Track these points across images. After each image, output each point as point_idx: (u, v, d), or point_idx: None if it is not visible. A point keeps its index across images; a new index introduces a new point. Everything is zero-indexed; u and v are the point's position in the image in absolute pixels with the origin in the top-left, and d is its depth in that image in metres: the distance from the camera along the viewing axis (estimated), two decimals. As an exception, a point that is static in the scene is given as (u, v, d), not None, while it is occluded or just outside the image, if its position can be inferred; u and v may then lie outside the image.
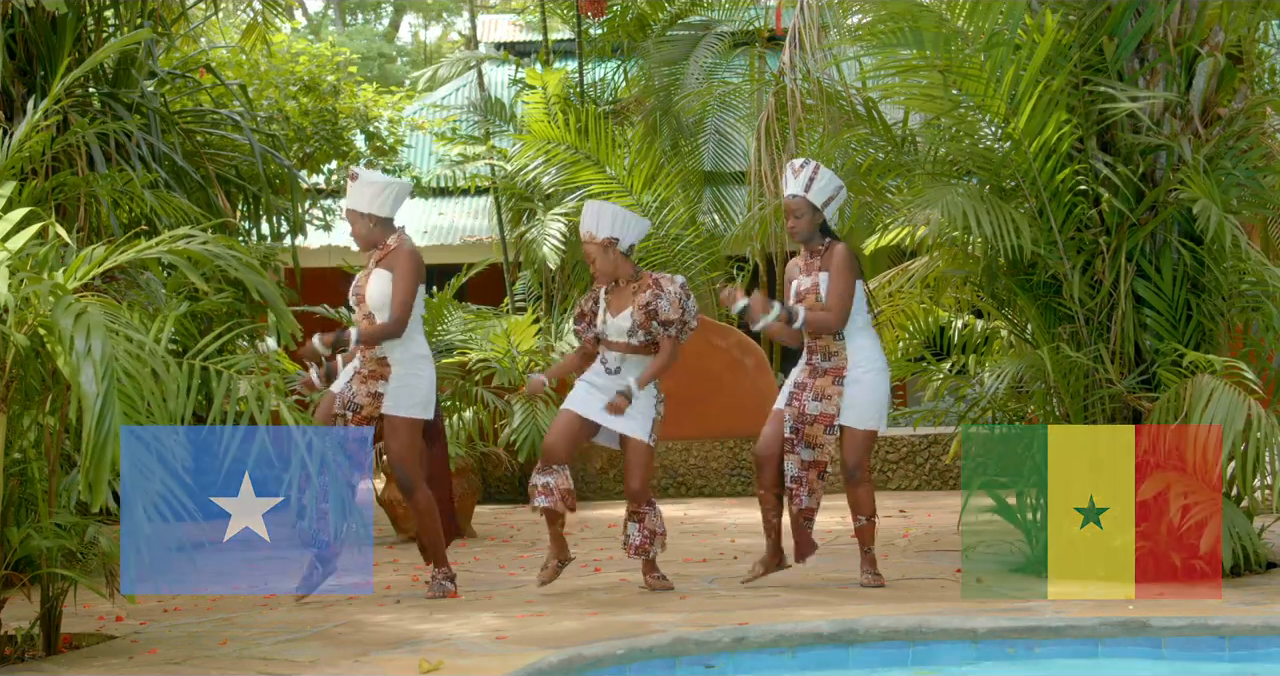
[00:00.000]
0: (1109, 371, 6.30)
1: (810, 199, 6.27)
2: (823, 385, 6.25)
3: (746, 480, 11.33)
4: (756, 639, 4.96)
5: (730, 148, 14.65)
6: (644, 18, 14.71)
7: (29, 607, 5.19)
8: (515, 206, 14.03)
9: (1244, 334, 6.68)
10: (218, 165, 8.38)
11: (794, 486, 6.29)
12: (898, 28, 6.48)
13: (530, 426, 9.61)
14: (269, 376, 4.98)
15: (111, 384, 4.22)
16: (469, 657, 4.73)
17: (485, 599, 6.15)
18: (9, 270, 4.60)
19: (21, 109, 7.18)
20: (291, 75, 11.85)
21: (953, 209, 6.11)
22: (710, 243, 12.96)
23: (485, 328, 10.18)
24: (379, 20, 35.56)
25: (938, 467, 11.21)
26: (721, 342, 11.35)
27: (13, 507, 5.00)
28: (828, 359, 6.27)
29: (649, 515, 6.27)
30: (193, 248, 4.93)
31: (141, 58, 7.97)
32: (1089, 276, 6.44)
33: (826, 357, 6.28)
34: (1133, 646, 5.06)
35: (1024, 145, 6.26)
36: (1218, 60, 6.44)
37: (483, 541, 8.69)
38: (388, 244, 6.30)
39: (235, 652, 4.96)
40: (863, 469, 6.24)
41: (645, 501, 6.26)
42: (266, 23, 10.34)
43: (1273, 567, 6.50)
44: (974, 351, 7.76)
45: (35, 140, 5.35)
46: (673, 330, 6.27)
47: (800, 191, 6.27)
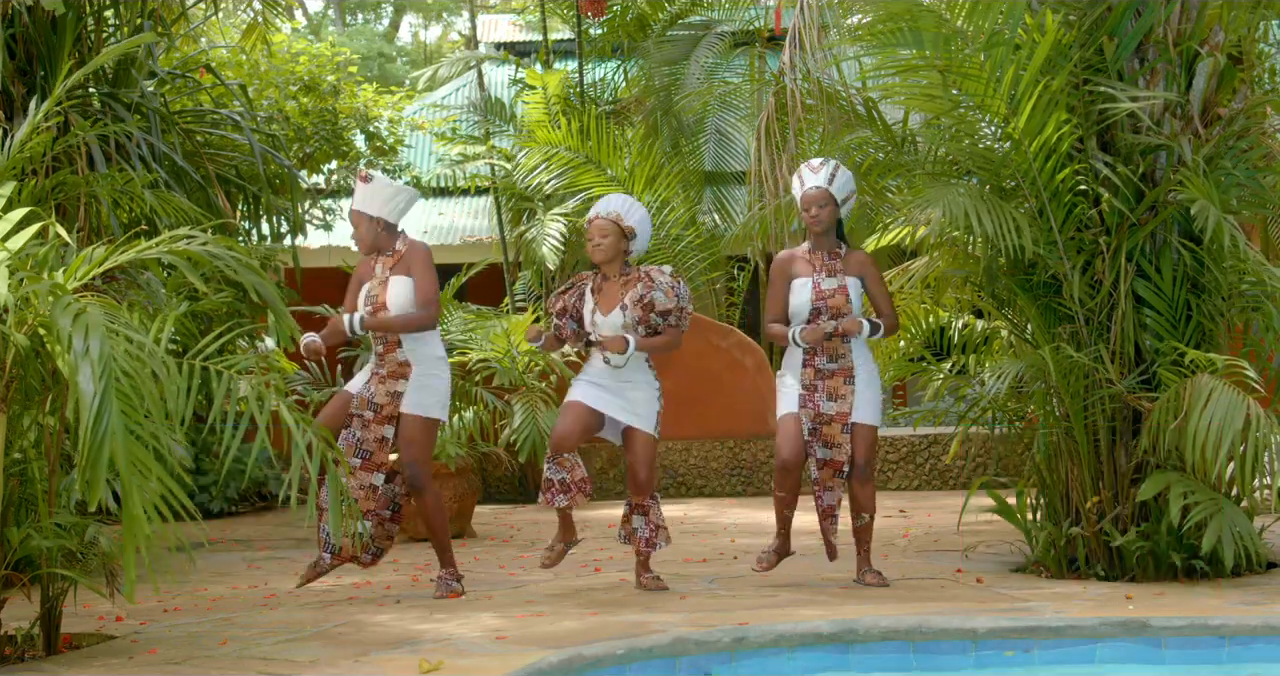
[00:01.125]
0: (1109, 371, 6.30)
1: (832, 191, 6.31)
2: (834, 385, 6.28)
3: (746, 480, 11.33)
4: (756, 639, 4.96)
5: (730, 148, 14.65)
6: (644, 18, 14.71)
7: (29, 607, 5.19)
8: (515, 206, 14.03)
9: (1244, 334, 6.68)
10: (218, 165, 8.38)
11: (815, 488, 6.35)
12: (897, 28, 6.48)
13: (530, 426, 9.61)
14: (269, 376, 4.98)
15: (109, 383, 4.22)
16: (469, 657, 4.74)
17: (485, 599, 6.15)
18: (9, 270, 4.60)
19: (22, 109, 7.18)
20: (291, 75, 11.84)
21: (953, 209, 6.11)
22: (710, 243, 12.97)
23: (485, 328, 10.18)
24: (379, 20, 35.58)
25: (938, 467, 11.21)
26: (721, 343, 11.35)
27: (13, 507, 5.00)
28: (834, 360, 6.30)
29: (653, 508, 6.30)
30: (193, 248, 4.93)
31: (141, 58, 7.97)
32: (1089, 276, 6.44)
33: (833, 359, 6.30)
34: (1133, 646, 5.06)
35: (1024, 145, 6.26)
36: (1218, 60, 6.44)
37: (483, 541, 8.69)
38: (397, 249, 6.31)
39: (235, 652, 4.96)
40: (872, 466, 6.32)
41: (650, 494, 6.28)
42: (266, 23, 10.34)
43: (1273, 567, 6.50)
44: (974, 351, 7.76)
45: (36, 141, 5.35)
46: (672, 319, 6.30)
47: (824, 183, 6.33)
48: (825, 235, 6.38)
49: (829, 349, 6.30)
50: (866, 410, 6.30)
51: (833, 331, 6.25)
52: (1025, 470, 7.08)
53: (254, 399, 4.75)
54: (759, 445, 11.41)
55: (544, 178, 12.71)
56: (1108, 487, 6.38)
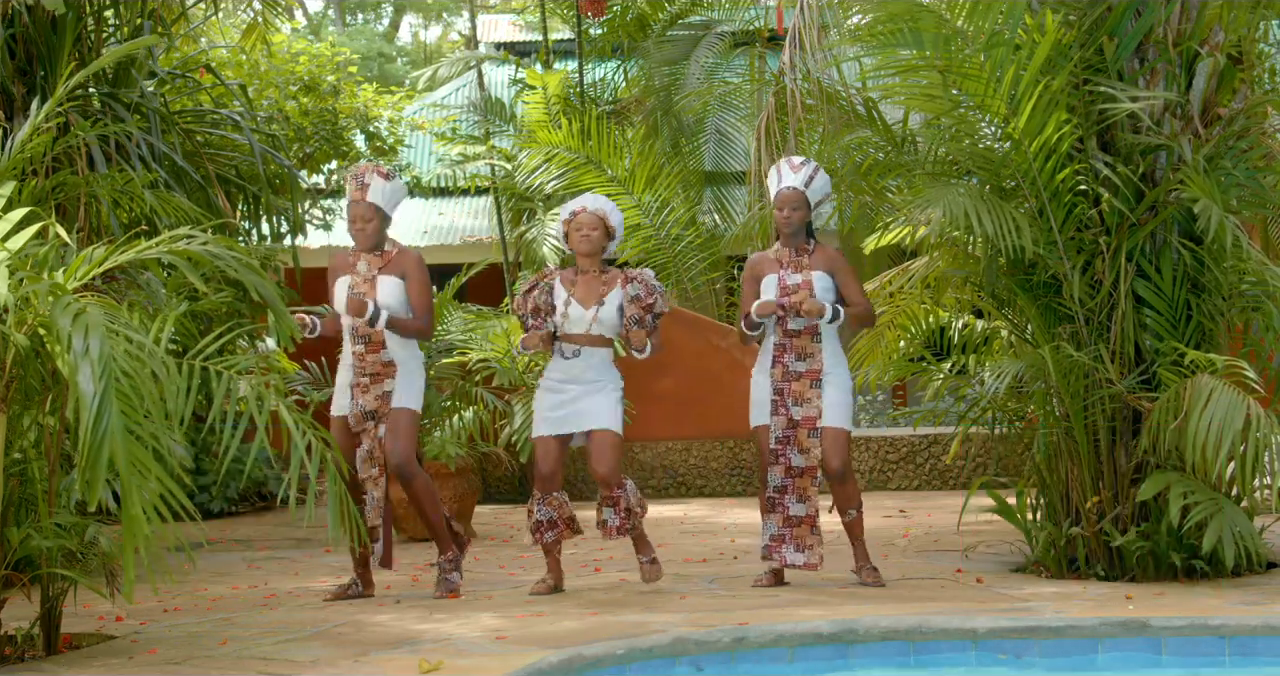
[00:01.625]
0: (1109, 371, 6.30)
1: (807, 194, 6.31)
2: (800, 389, 6.25)
3: (746, 480, 11.33)
4: (756, 639, 4.96)
5: (730, 147, 14.66)
6: (644, 18, 14.72)
7: (29, 607, 5.19)
8: (515, 206, 14.04)
9: (1244, 334, 6.67)
10: (218, 165, 8.38)
11: (776, 495, 6.28)
12: (897, 28, 6.48)
13: (530, 426, 9.59)
14: (269, 377, 4.98)
15: (109, 383, 4.22)
16: (469, 657, 4.73)
17: (485, 599, 6.15)
18: (9, 270, 4.60)
19: (22, 108, 7.18)
20: (291, 75, 11.84)
21: (953, 208, 6.11)
22: (710, 243, 12.97)
23: (485, 328, 10.17)
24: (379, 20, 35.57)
25: (938, 467, 11.21)
26: (721, 343, 11.35)
27: (13, 507, 5.00)
28: (803, 359, 6.26)
29: (623, 497, 6.25)
30: (193, 248, 4.93)
31: (141, 58, 7.97)
32: (1089, 276, 6.44)
33: (801, 358, 6.27)
34: (1133, 646, 5.06)
35: (1024, 145, 6.26)
36: (1218, 60, 6.44)
37: (483, 541, 8.68)
38: (387, 250, 6.31)
39: (235, 652, 4.96)
40: (847, 468, 6.25)
41: (617, 485, 6.24)
42: (266, 23, 10.34)
43: (1273, 567, 6.50)
44: (974, 351, 7.76)
45: (37, 141, 5.35)
46: (658, 319, 6.37)
47: (800, 186, 6.32)
48: (795, 235, 6.38)
49: (798, 347, 6.26)
50: (834, 413, 6.23)
51: (789, 306, 6.18)
52: (1025, 470, 7.08)
53: (253, 399, 4.75)
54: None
55: (544, 178, 12.71)
56: (1108, 487, 6.37)
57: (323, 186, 13.18)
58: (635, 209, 12.38)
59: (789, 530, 6.26)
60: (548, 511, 6.27)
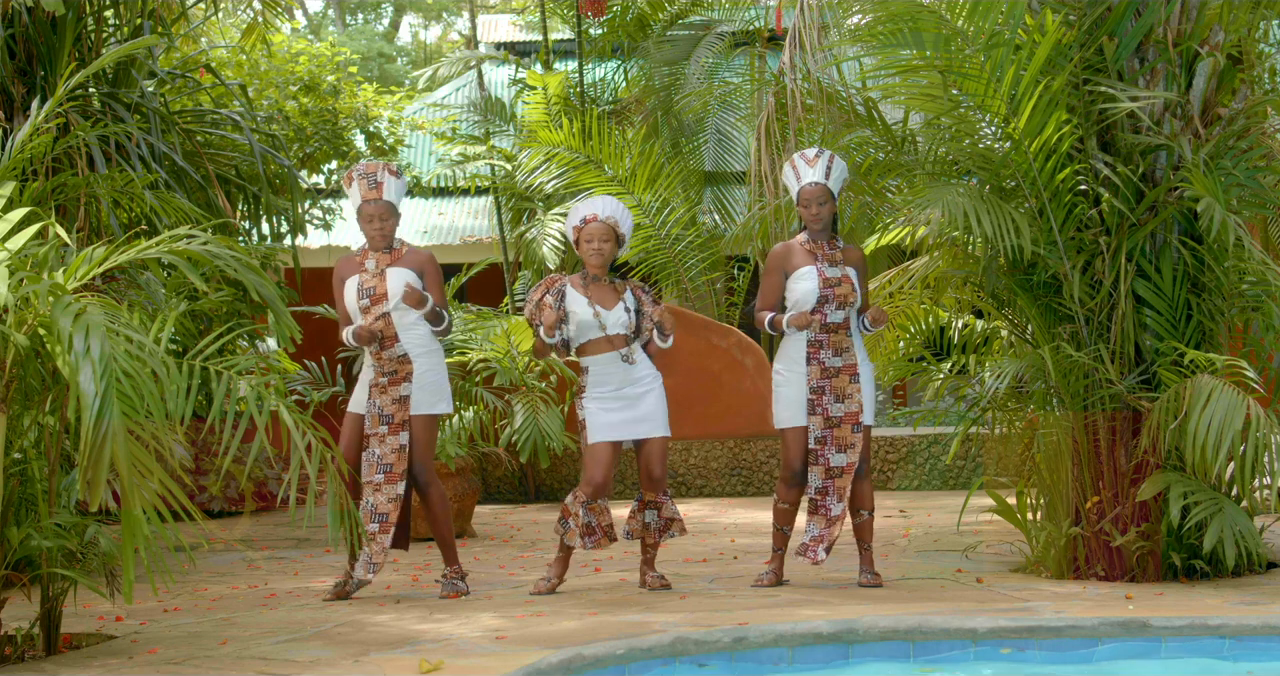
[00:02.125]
0: (1109, 371, 6.30)
1: (830, 186, 6.30)
2: (840, 385, 6.24)
3: (747, 480, 11.33)
4: (756, 639, 4.96)
5: (730, 147, 14.66)
6: (644, 18, 14.72)
7: (29, 607, 5.19)
8: (515, 206, 14.04)
9: (1244, 333, 6.67)
10: (218, 165, 8.38)
11: (819, 497, 6.26)
12: (898, 28, 6.48)
13: (531, 426, 9.60)
14: (269, 377, 4.98)
15: (110, 383, 4.22)
16: (469, 657, 4.74)
17: (485, 599, 6.15)
18: (9, 270, 4.60)
19: (22, 109, 7.19)
20: (291, 75, 11.84)
21: (953, 209, 6.11)
22: (710, 243, 12.97)
23: (485, 328, 10.18)
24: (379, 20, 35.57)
25: (938, 467, 11.21)
26: (721, 343, 11.35)
27: (13, 507, 5.00)
28: (839, 355, 6.26)
29: (666, 503, 6.33)
30: (193, 248, 4.93)
31: (141, 58, 7.97)
32: (1089, 276, 6.44)
33: (838, 354, 6.26)
34: (1133, 646, 5.06)
35: (1024, 145, 6.26)
36: (1218, 60, 6.44)
37: (483, 541, 8.69)
38: (395, 248, 6.32)
39: (235, 652, 4.96)
40: (867, 464, 6.31)
41: (663, 490, 6.31)
42: (266, 23, 10.34)
43: (1273, 567, 6.50)
44: (974, 351, 7.76)
45: (37, 142, 5.35)
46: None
47: (821, 178, 6.30)
48: (824, 230, 6.37)
49: (835, 343, 6.27)
50: (869, 409, 6.31)
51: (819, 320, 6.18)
52: (1025, 470, 7.08)
53: (253, 399, 4.75)
54: (759, 445, 11.41)
55: (544, 178, 12.71)
56: (1108, 487, 6.37)
57: (323, 186, 13.19)
58: (635, 209, 12.38)
59: (828, 530, 6.26)
60: (589, 514, 6.24)
